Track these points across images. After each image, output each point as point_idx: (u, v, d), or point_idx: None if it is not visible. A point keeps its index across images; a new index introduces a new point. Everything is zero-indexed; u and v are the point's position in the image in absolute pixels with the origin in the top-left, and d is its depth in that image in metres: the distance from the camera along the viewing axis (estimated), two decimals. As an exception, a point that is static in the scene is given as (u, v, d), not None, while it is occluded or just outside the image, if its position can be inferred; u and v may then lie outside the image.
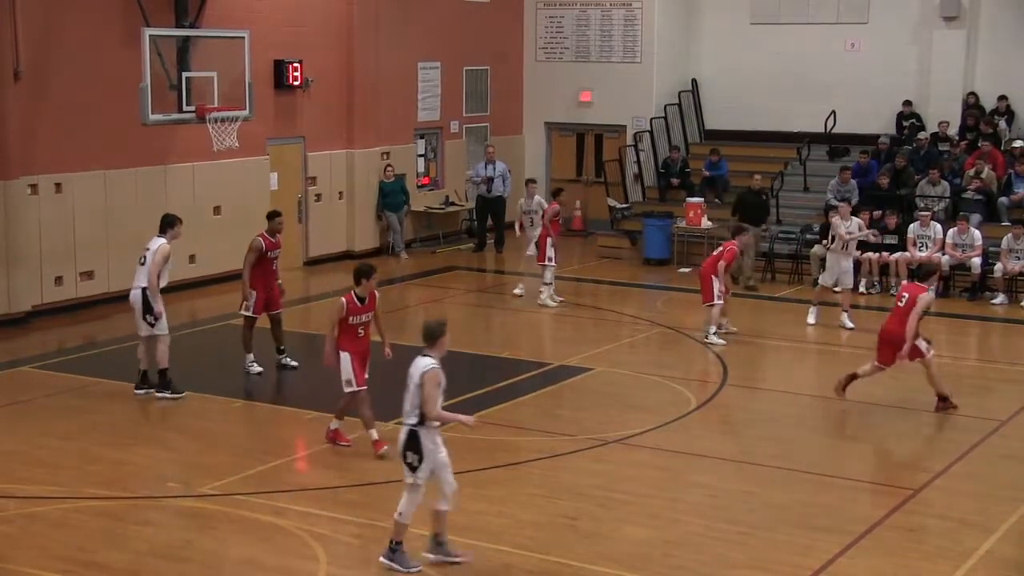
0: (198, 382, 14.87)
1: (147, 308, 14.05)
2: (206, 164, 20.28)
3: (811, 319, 18.30)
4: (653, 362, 16.49)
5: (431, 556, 9.59)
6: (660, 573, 9.59)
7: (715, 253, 17.52)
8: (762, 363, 16.81)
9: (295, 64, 21.79)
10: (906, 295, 13.89)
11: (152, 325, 14.10)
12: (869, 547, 10.10)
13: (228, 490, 11.24)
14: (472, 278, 22.02)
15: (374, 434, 12.23)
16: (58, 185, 18.39)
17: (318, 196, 23.00)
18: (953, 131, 23.89)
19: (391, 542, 9.52)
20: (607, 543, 10.17)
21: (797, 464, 12.36)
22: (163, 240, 14.19)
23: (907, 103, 24.55)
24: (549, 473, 11.88)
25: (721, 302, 17.17)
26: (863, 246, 20.68)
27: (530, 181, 21.08)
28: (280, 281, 15.50)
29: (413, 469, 9.37)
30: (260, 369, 15.12)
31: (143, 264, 14.12)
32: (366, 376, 12.33)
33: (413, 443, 9.36)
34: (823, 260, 20.19)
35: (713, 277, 17.04)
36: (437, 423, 9.43)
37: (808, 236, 21.98)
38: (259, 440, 12.97)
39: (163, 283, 14.21)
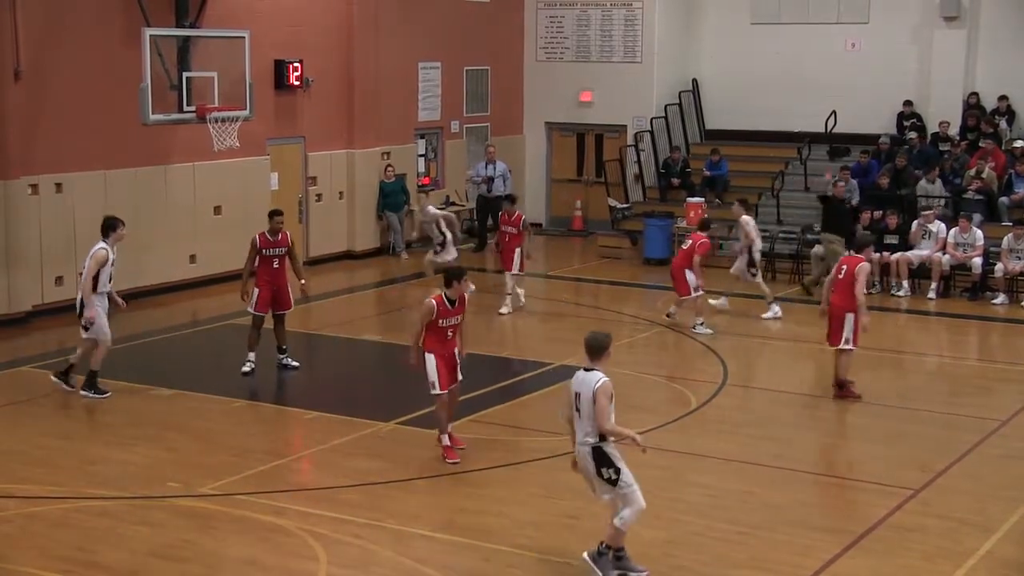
0: (198, 382, 14.88)
1: (81, 312, 14.03)
2: (206, 164, 20.28)
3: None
4: (653, 362, 16.50)
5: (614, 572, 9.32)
6: (660, 573, 9.58)
7: (684, 248, 17.98)
8: (762, 363, 16.82)
9: (295, 64, 21.80)
10: (845, 267, 14.18)
11: (86, 329, 14.04)
12: (869, 547, 10.10)
13: (228, 490, 11.24)
14: (472, 278, 21.90)
15: (446, 439, 12.09)
16: (58, 185, 18.40)
17: (319, 196, 23.00)
18: (954, 131, 23.89)
19: (612, 550, 9.26)
20: (607, 543, 10.15)
21: (797, 464, 12.36)
22: (102, 245, 14.12)
23: (908, 103, 24.55)
24: (549, 473, 11.87)
25: (700, 293, 17.59)
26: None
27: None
28: (303, 281, 15.46)
29: (614, 483, 9.14)
30: (247, 369, 15.01)
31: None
32: (458, 378, 12.15)
33: (603, 459, 9.15)
34: (822, 258, 20.26)
35: (687, 271, 17.56)
36: (612, 438, 9.21)
37: (809, 236, 21.97)
38: (259, 440, 12.96)
39: (105, 288, 14.10)
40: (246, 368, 15.03)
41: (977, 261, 20.03)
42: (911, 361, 17.00)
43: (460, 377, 12.18)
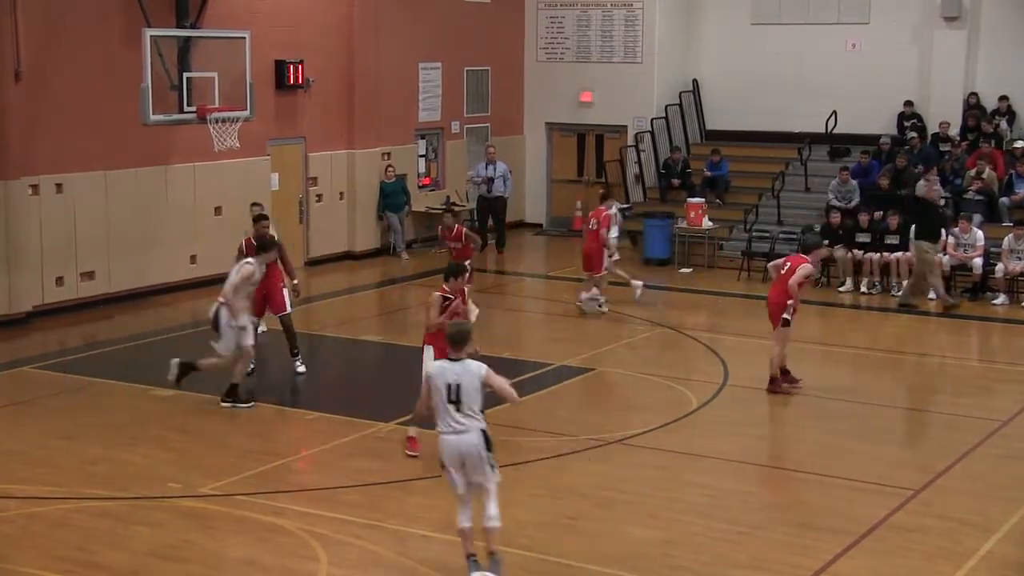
0: (198, 382, 14.86)
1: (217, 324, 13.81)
2: (207, 164, 20.28)
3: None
4: (653, 362, 16.49)
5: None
6: (660, 573, 9.58)
7: (592, 228, 18.63)
8: (762, 363, 16.78)
9: (296, 64, 21.80)
10: (788, 264, 14.29)
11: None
12: (869, 547, 10.10)
13: (228, 490, 11.24)
14: (473, 278, 21.97)
15: (413, 431, 12.14)
16: (59, 185, 18.40)
17: (319, 196, 23.00)
18: (954, 131, 23.88)
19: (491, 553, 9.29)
20: (607, 543, 10.17)
21: (797, 464, 12.37)
22: (249, 260, 14.06)
23: (908, 103, 24.54)
24: (550, 473, 11.88)
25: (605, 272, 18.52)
26: (864, 246, 20.70)
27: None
28: (296, 282, 15.41)
29: (493, 468, 9.27)
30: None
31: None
32: None
33: (490, 443, 9.25)
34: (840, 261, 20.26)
35: (605, 249, 18.44)
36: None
37: (808, 236, 21.93)
38: (259, 440, 12.96)
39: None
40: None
41: (978, 262, 20.02)
42: (911, 361, 17.00)
43: None
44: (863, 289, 20.57)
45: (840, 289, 20.70)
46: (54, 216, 18.33)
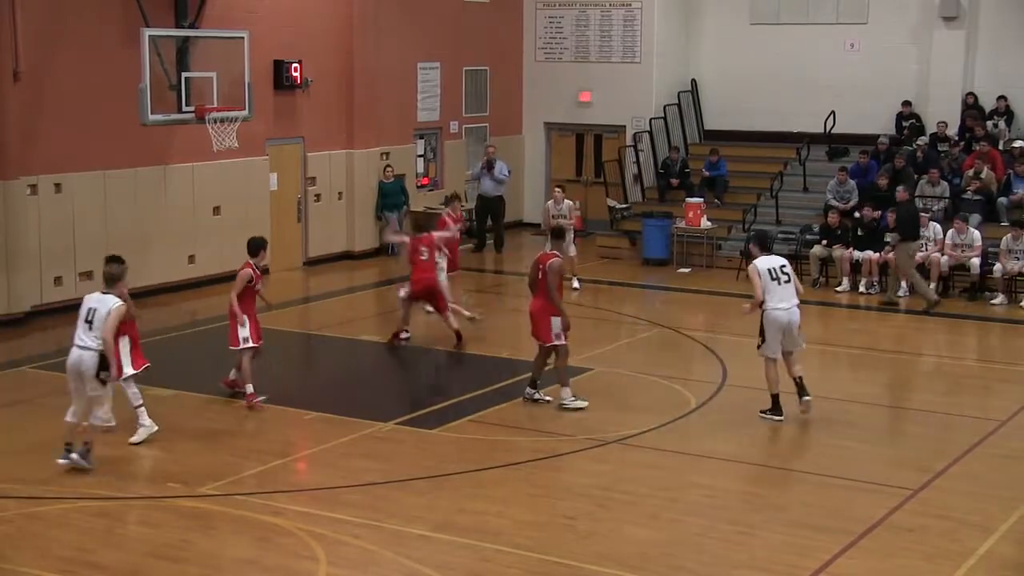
0: (198, 382, 14.88)
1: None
2: (206, 164, 20.28)
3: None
4: (653, 362, 16.50)
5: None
6: (660, 573, 9.59)
7: (423, 259, 16.62)
8: (761, 363, 16.77)
9: (295, 64, 21.80)
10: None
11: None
12: (869, 547, 10.10)
13: (228, 490, 11.25)
14: (472, 278, 22.00)
15: (250, 388, 13.62)
16: (58, 185, 18.40)
17: (318, 196, 23.00)
18: (953, 131, 23.89)
19: (85, 444, 11.55)
20: (607, 543, 10.17)
21: (797, 464, 12.38)
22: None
23: (906, 103, 24.55)
24: (549, 473, 11.88)
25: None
26: (862, 245, 20.72)
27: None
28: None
29: (104, 384, 11.48)
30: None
31: None
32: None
33: (104, 363, 11.44)
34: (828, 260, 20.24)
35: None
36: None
37: (808, 236, 21.99)
38: (259, 440, 12.97)
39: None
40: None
41: (975, 261, 20.03)
42: (910, 361, 17.01)
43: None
44: (861, 289, 20.57)
45: (837, 289, 20.70)
46: (53, 216, 18.33)
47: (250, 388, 13.85)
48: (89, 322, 11.58)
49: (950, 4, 24.04)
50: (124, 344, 12.31)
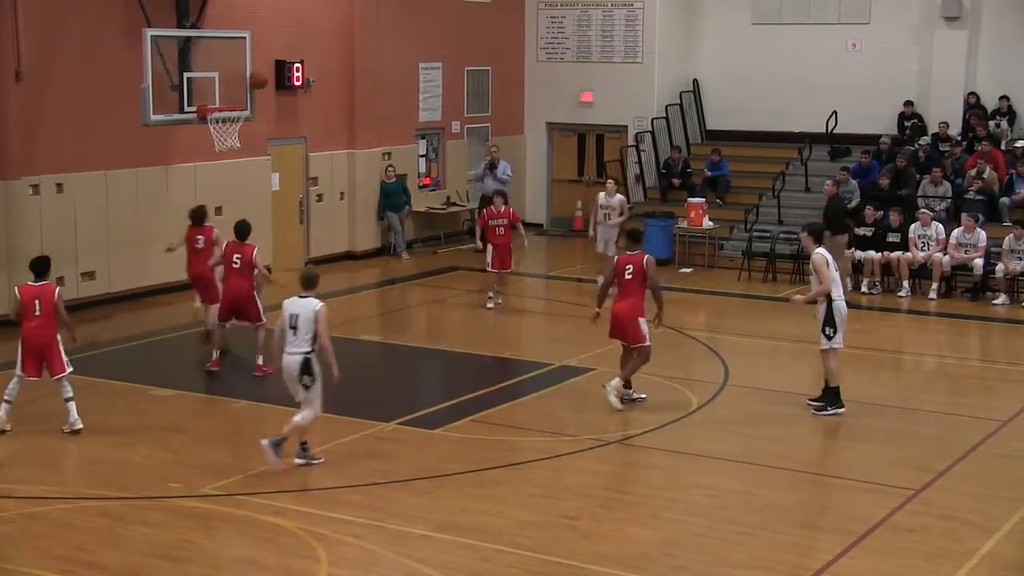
0: (198, 382, 14.88)
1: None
2: (207, 164, 20.28)
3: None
4: (653, 362, 16.39)
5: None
6: (660, 573, 9.59)
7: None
8: (762, 363, 16.80)
9: (297, 64, 21.80)
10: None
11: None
12: (870, 547, 10.10)
13: (229, 490, 11.25)
14: (473, 278, 21.99)
15: (260, 359, 14.48)
16: (59, 185, 18.40)
17: (319, 196, 23.00)
18: (955, 131, 23.88)
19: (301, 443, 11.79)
20: (607, 543, 10.17)
21: (797, 464, 12.36)
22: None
23: (908, 103, 24.54)
24: (550, 473, 11.87)
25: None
26: (865, 246, 20.71)
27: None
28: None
29: (308, 389, 11.65)
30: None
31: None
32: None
33: (308, 367, 11.59)
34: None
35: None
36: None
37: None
38: (260, 440, 12.94)
39: None
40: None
41: (979, 262, 20.02)
42: (911, 361, 16.99)
43: None
44: (863, 289, 20.56)
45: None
46: (54, 216, 18.33)
47: (261, 359, 14.99)
48: (294, 328, 11.63)
49: (952, 4, 24.02)
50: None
